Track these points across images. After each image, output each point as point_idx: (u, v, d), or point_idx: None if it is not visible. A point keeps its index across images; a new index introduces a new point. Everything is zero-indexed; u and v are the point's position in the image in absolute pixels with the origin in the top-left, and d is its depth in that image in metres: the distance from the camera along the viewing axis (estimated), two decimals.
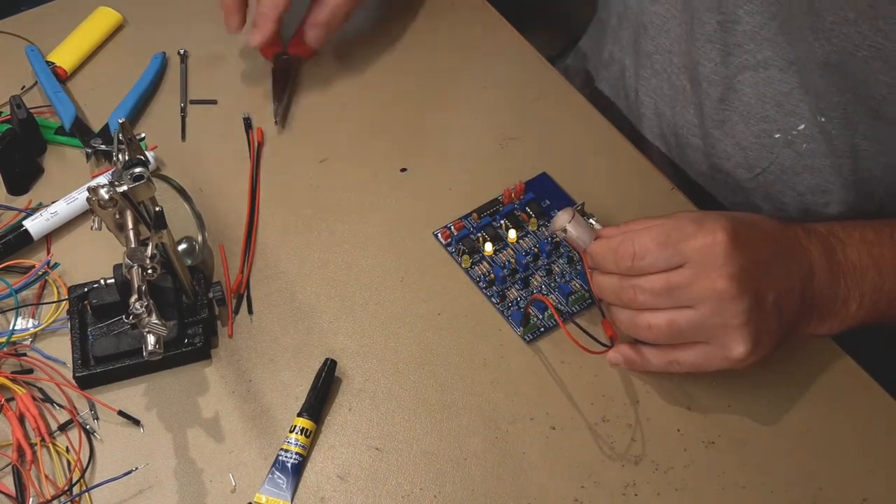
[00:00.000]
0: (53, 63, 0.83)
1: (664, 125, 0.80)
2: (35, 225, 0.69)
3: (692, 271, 0.55)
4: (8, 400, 0.61)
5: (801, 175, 0.69)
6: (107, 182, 0.54)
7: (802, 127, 0.67)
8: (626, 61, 0.82)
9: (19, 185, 0.75)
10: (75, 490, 0.58)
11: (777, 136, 0.69)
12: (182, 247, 0.66)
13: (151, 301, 0.54)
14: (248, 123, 0.79)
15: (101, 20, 0.88)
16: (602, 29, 0.86)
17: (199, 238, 0.67)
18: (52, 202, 0.71)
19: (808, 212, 0.71)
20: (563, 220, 0.61)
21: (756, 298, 0.55)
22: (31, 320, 0.66)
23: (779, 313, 0.57)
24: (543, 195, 0.74)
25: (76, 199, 0.71)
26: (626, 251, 0.57)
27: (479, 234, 0.71)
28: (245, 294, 0.68)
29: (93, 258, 0.69)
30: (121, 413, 0.62)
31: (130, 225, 0.55)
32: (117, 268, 0.63)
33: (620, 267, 0.57)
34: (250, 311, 0.67)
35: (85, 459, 0.59)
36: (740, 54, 0.68)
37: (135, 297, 0.53)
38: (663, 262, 0.56)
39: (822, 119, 0.65)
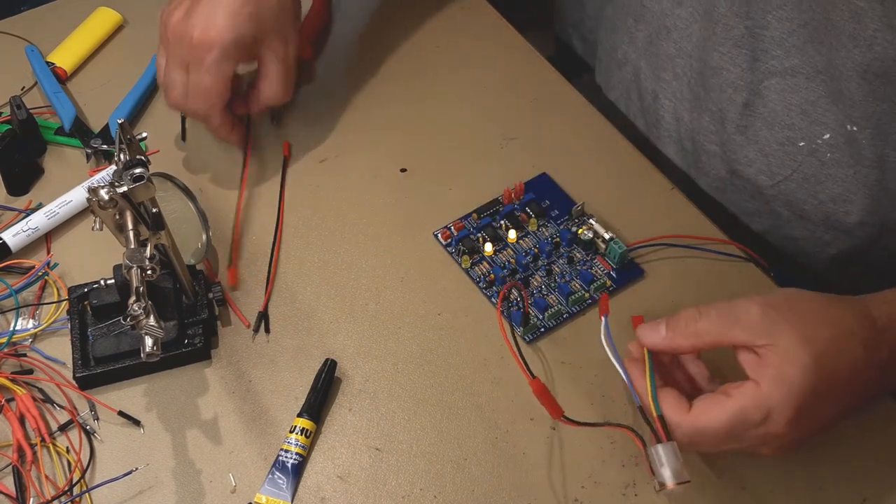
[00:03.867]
0: (53, 63, 0.83)
1: (682, 130, 0.79)
2: (15, 240, 0.69)
3: (750, 444, 0.54)
4: (8, 400, 0.61)
5: (824, 183, 0.69)
6: (102, 184, 0.54)
7: (827, 136, 0.66)
8: (642, 63, 0.82)
9: (19, 186, 0.75)
10: (75, 490, 0.58)
11: (801, 144, 0.68)
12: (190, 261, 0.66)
13: (150, 303, 0.54)
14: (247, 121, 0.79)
15: (101, 20, 0.88)
16: (613, 29, 0.86)
17: (203, 237, 0.67)
18: (36, 210, 0.71)
19: (828, 219, 0.70)
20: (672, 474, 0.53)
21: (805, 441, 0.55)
22: (31, 321, 0.66)
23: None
24: (543, 195, 0.73)
25: (56, 214, 0.71)
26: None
27: (479, 234, 0.71)
28: (265, 311, 0.68)
29: (93, 258, 0.69)
30: (121, 413, 0.62)
31: (130, 226, 0.55)
32: (117, 268, 0.63)
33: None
34: (267, 330, 0.67)
35: (85, 460, 0.59)
36: (767, 60, 0.68)
37: (133, 298, 0.53)
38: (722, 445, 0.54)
39: (854, 128, 0.64)
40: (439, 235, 0.71)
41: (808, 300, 0.55)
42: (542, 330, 0.66)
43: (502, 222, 0.71)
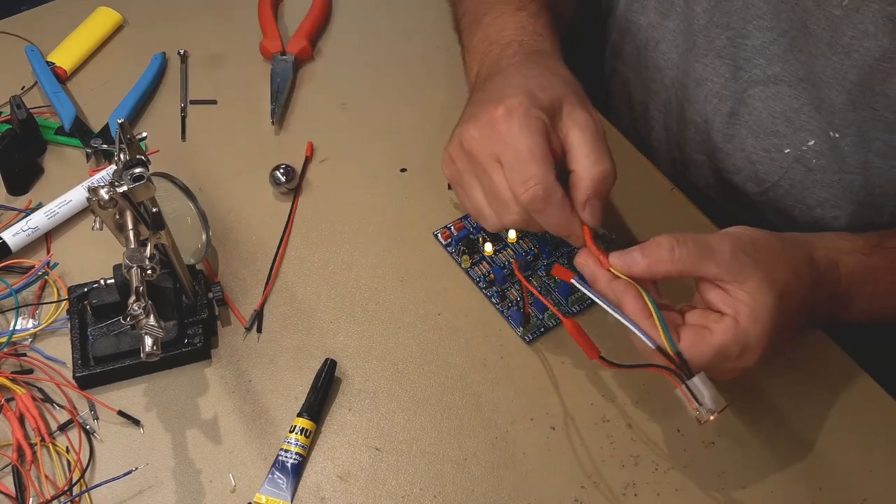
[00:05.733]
0: (53, 63, 0.83)
1: (671, 140, 0.80)
2: (15, 239, 0.69)
3: (719, 373, 0.56)
4: (8, 400, 0.61)
5: (812, 189, 0.69)
6: (103, 184, 0.54)
7: (812, 143, 0.67)
8: (630, 75, 0.82)
9: (19, 186, 0.75)
10: (75, 490, 0.58)
11: (787, 151, 0.69)
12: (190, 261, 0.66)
13: (150, 302, 0.54)
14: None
15: (101, 20, 0.88)
16: (600, 44, 0.86)
17: (203, 237, 0.67)
18: (36, 210, 0.71)
19: (817, 224, 0.71)
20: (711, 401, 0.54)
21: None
22: (31, 320, 0.66)
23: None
24: None
25: (56, 214, 0.71)
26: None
27: (479, 234, 0.71)
28: (260, 310, 0.68)
29: (93, 258, 0.69)
30: (121, 413, 0.62)
31: (130, 225, 0.55)
32: (117, 268, 0.63)
33: None
34: (259, 330, 0.67)
35: (85, 459, 0.59)
36: (750, 69, 0.68)
37: (133, 298, 0.53)
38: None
39: (836, 135, 0.65)
40: (439, 235, 0.71)
41: (768, 242, 0.58)
42: (542, 330, 0.66)
43: None
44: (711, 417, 0.53)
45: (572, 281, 0.57)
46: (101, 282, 0.64)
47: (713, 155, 0.75)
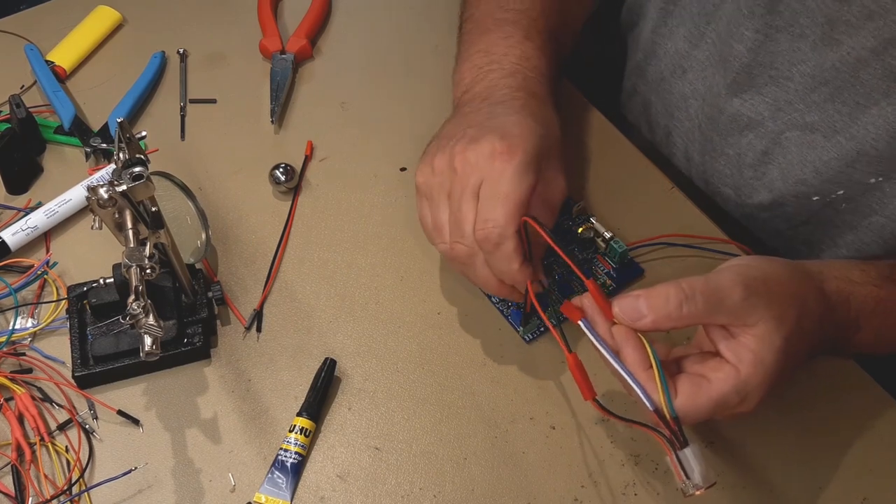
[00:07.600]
0: (53, 62, 0.83)
1: (693, 170, 0.79)
2: (14, 239, 0.69)
3: (719, 419, 0.56)
4: (7, 399, 0.61)
5: (841, 229, 0.69)
6: (102, 183, 0.53)
7: (841, 192, 0.66)
8: (653, 98, 0.81)
9: (19, 185, 0.75)
10: (74, 490, 0.58)
11: (815, 199, 0.68)
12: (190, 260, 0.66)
13: (149, 301, 0.53)
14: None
15: (101, 19, 0.88)
16: (622, 59, 0.85)
17: (203, 236, 0.67)
18: (36, 209, 0.71)
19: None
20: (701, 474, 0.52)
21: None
22: (30, 320, 0.66)
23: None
24: None
25: (55, 213, 0.71)
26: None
27: None
28: (260, 310, 0.68)
29: (92, 257, 0.69)
30: (120, 413, 0.62)
31: (129, 224, 0.55)
32: (116, 267, 0.63)
33: None
34: (259, 329, 0.67)
35: (84, 459, 0.59)
36: (790, 112, 0.67)
37: (132, 297, 0.53)
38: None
39: (879, 179, 0.64)
40: None
41: (779, 276, 0.55)
42: (542, 329, 0.66)
43: None
44: (698, 493, 0.51)
45: (579, 323, 0.55)
46: (101, 281, 0.64)
47: (741, 189, 0.74)
